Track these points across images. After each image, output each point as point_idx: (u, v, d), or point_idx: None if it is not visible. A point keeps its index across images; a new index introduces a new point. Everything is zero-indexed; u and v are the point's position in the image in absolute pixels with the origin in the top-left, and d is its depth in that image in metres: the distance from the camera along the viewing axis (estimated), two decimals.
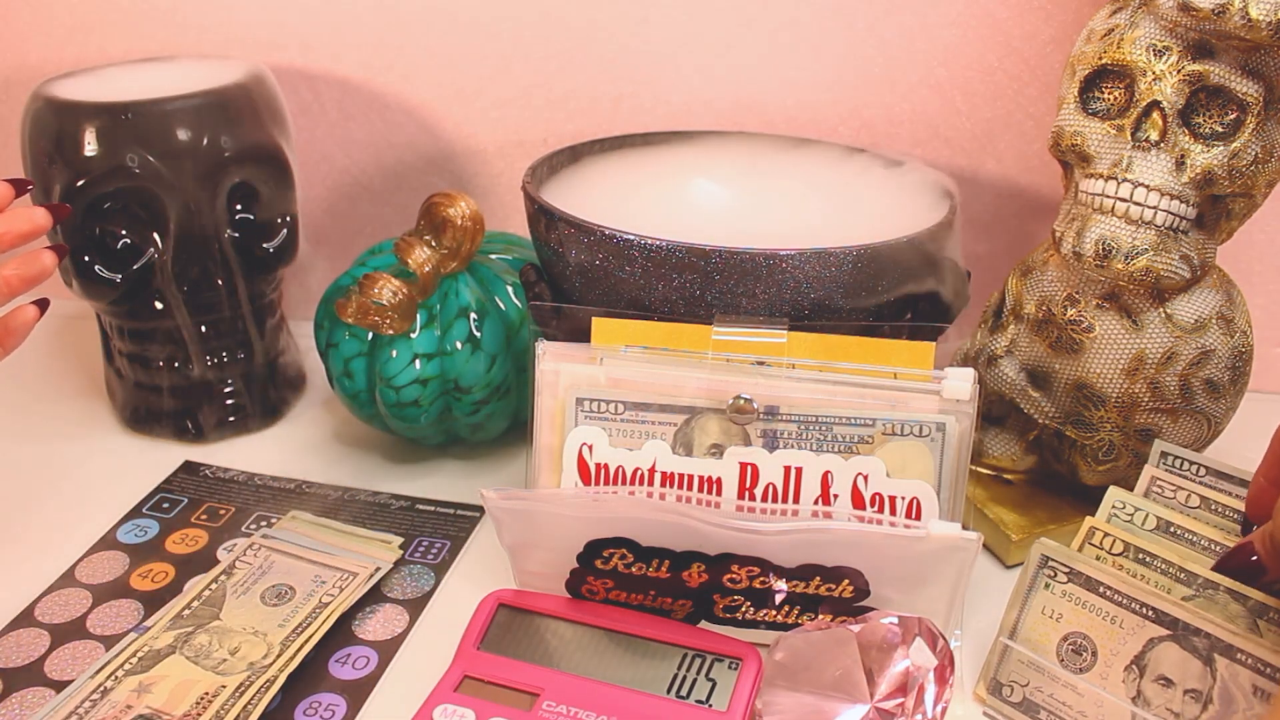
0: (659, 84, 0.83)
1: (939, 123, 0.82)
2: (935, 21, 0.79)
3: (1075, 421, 0.65)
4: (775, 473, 0.57)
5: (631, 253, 0.59)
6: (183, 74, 0.76)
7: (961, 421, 0.56)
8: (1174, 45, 0.57)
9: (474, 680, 0.55)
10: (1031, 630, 0.55)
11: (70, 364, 0.89)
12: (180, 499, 0.72)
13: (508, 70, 0.85)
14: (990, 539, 0.67)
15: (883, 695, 0.51)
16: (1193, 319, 0.61)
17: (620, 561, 0.57)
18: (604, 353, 0.59)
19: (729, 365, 0.58)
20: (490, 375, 0.70)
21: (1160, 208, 0.58)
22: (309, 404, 0.83)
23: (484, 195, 0.89)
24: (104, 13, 0.87)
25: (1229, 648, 0.49)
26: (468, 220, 0.69)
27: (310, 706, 0.55)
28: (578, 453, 0.59)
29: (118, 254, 0.73)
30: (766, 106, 0.83)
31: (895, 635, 0.52)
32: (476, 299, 0.70)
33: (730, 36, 0.81)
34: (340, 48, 0.86)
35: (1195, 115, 0.58)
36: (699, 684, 0.54)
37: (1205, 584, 0.53)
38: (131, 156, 0.70)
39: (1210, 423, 0.64)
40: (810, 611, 0.57)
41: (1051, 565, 0.54)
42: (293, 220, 0.78)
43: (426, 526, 0.69)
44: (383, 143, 0.88)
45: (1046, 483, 0.70)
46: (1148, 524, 0.56)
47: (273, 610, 0.60)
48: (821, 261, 0.58)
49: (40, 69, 0.88)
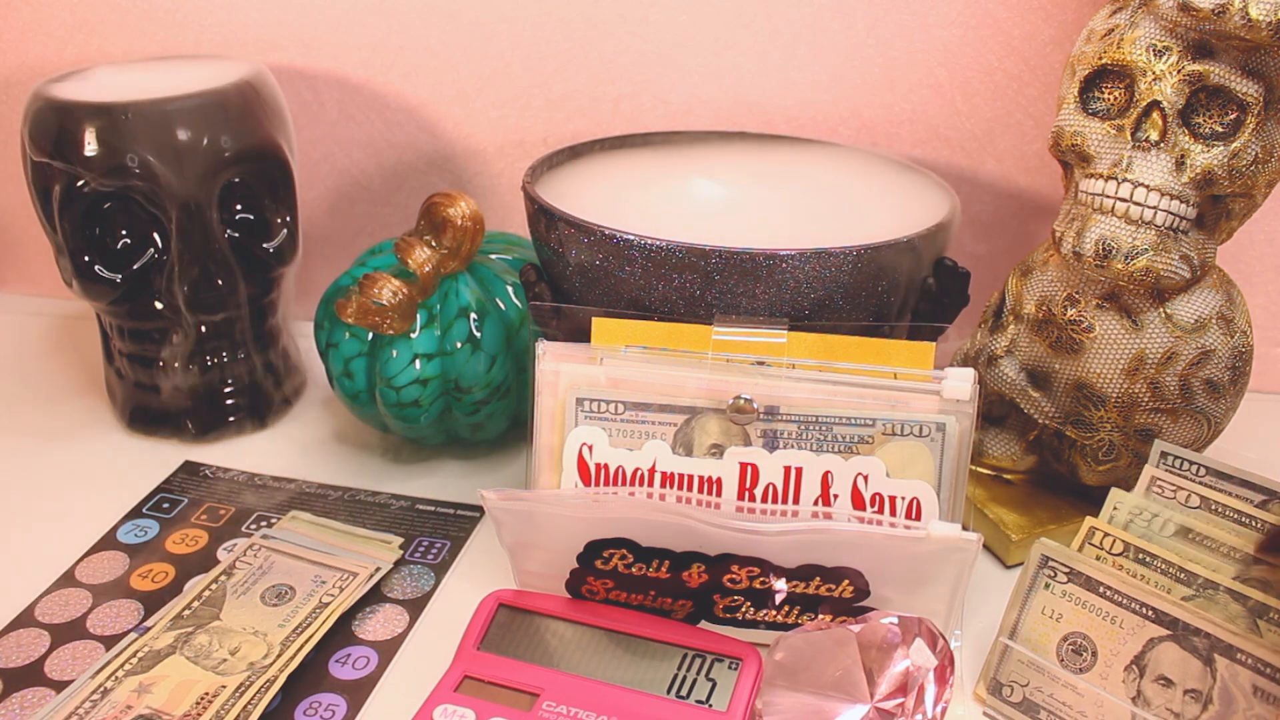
0: (659, 84, 0.83)
1: (939, 123, 0.82)
2: (935, 21, 0.79)
3: (1075, 421, 0.65)
4: (775, 473, 0.57)
5: (631, 253, 0.59)
6: (183, 74, 0.76)
7: (961, 421, 0.56)
8: (1174, 45, 0.57)
9: (474, 680, 0.55)
10: (1031, 630, 0.55)
11: (70, 364, 0.89)
12: (180, 499, 0.72)
13: (508, 70, 0.85)
14: (990, 539, 0.67)
15: (883, 695, 0.51)
16: (1193, 319, 0.61)
17: (620, 562, 0.57)
18: (604, 353, 0.59)
19: (729, 365, 0.58)
20: (490, 375, 0.70)
21: (1160, 208, 0.58)
22: (309, 404, 0.83)
23: (484, 195, 0.89)
24: (104, 13, 0.87)
25: (1229, 647, 0.49)
26: (468, 220, 0.69)
27: (310, 706, 0.55)
28: (578, 453, 0.59)
29: (118, 254, 0.73)
30: (766, 106, 0.83)
31: (895, 635, 0.52)
32: (476, 299, 0.70)
33: (730, 36, 0.81)
34: (340, 48, 0.86)
35: (1195, 115, 0.58)
36: (699, 684, 0.54)
37: (1205, 584, 0.53)
38: (131, 156, 0.70)
39: (1210, 423, 0.64)
40: (810, 611, 0.57)
41: (1051, 565, 0.54)
42: (293, 220, 0.78)
43: (426, 526, 0.69)
44: (383, 143, 0.88)
45: (1046, 483, 0.70)
46: (1165, 530, 0.56)
47: (273, 610, 0.60)
48: (821, 261, 0.58)
49: (40, 69, 0.88)
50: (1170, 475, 0.59)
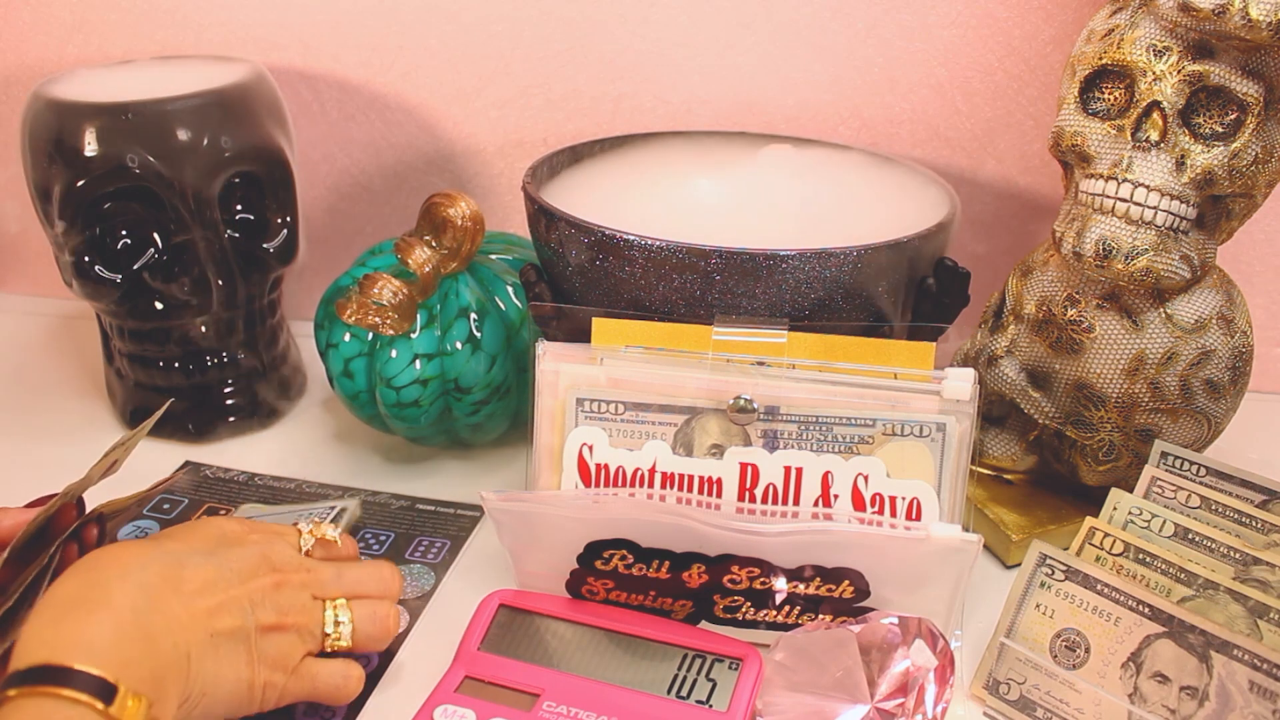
0: (659, 84, 0.83)
1: (939, 123, 0.82)
2: (935, 21, 0.79)
3: (1075, 421, 0.65)
4: (775, 473, 0.57)
5: (631, 253, 0.59)
6: (182, 74, 0.76)
7: (962, 421, 0.56)
8: (1174, 45, 0.57)
9: (474, 681, 0.55)
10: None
11: (70, 364, 0.89)
12: (180, 499, 0.72)
13: (508, 70, 0.85)
14: (990, 539, 0.67)
15: (883, 695, 0.51)
16: (1193, 319, 0.61)
17: (620, 562, 0.57)
18: (604, 353, 0.59)
19: (729, 365, 0.58)
20: (490, 375, 0.70)
21: (1160, 208, 0.58)
22: (309, 404, 0.83)
23: (484, 195, 0.89)
24: (104, 13, 0.87)
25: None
26: (468, 220, 0.69)
27: (310, 706, 0.55)
28: (578, 453, 0.59)
29: (118, 254, 0.73)
30: (766, 106, 0.83)
31: (895, 636, 0.52)
32: (476, 299, 0.70)
33: (730, 36, 0.81)
34: (340, 48, 0.86)
35: (1195, 115, 0.58)
36: (699, 684, 0.54)
37: (1205, 584, 0.53)
38: (131, 156, 0.70)
39: (1210, 423, 0.64)
40: (810, 612, 0.57)
41: (1049, 564, 0.54)
42: (293, 220, 0.78)
43: (426, 526, 0.69)
44: (383, 143, 0.88)
45: (1046, 483, 0.70)
46: (1165, 530, 0.56)
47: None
48: (821, 261, 0.58)
49: (40, 69, 0.88)
50: (1170, 475, 0.59)
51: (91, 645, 0.43)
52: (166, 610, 0.47)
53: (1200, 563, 0.54)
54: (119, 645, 0.44)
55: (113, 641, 0.44)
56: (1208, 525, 0.56)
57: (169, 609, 0.47)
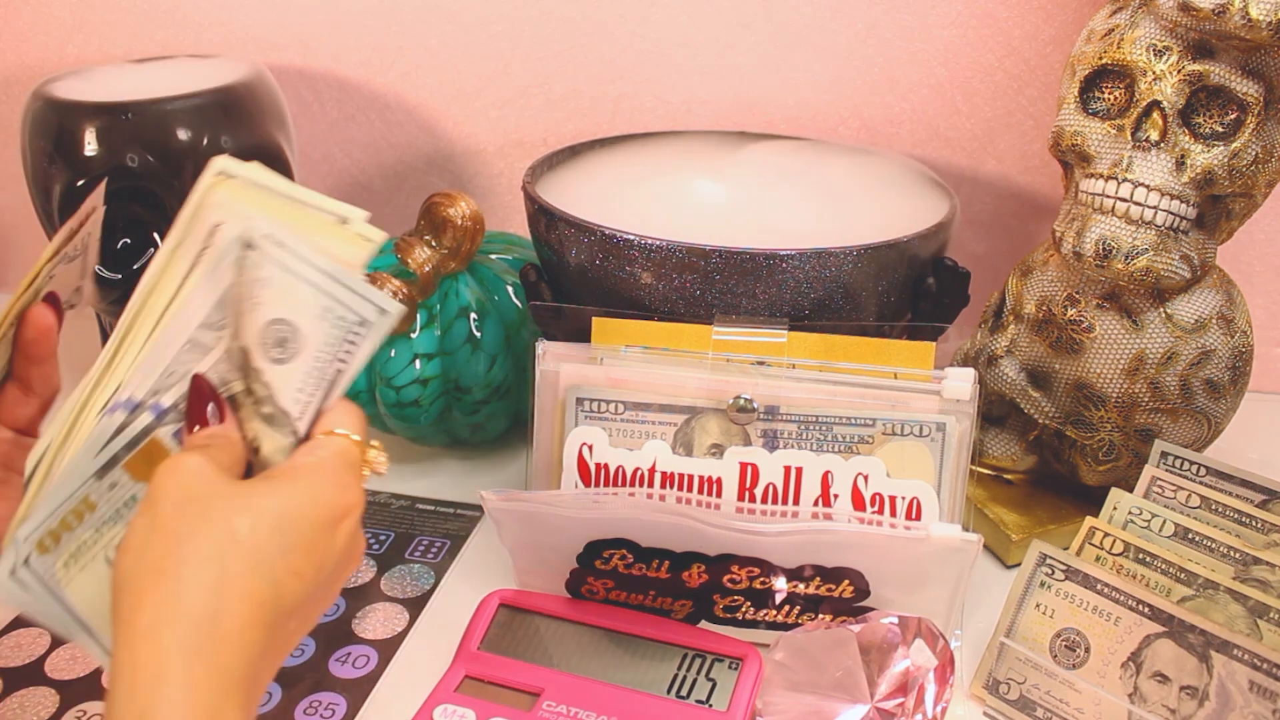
0: (659, 84, 0.83)
1: (939, 123, 0.82)
2: (935, 21, 0.79)
3: (1075, 421, 0.65)
4: (775, 473, 0.57)
5: (631, 252, 0.59)
6: (183, 74, 0.76)
7: (962, 421, 0.56)
8: (1174, 45, 0.57)
9: (474, 680, 0.55)
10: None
11: (70, 364, 0.89)
12: None
13: (508, 70, 0.85)
14: (990, 539, 0.67)
15: (883, 695, 0.51)
16: (1193, 319, 0.61)
17: (620, 562, 0.57)
18: (604, 353, 0.59)
19: (729, 365, 0.58)
20: (490, 375, 0.70)
21: (1160, 208, 0.58)
22: None
23: (484, 195, 0.89)
24: (104, 13, 0.87)
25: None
26: (468, 220, 0.69)
27: (310, 706, 0.55)
28: (578, 453, 0.59)
29: (118, 254, 0.72)
30: (766, 106, 0.83)
31: (895, 635, 0.52)
32: (476, 299, 0.70)
33: (730, 36, 0.81)
34: (340, 48, 0.86)
35: (1195, 115, 0.58)
36: (699, 684, 0.54)
37: (1205, 584, 0.53)
38: (131, 156, 0.70)
39: (1210, 423, 0.64)
40: (810, 611, 0.57)
41: (1049, 564, 0.54)
42: None
43: (426, 526, 0.69)
44: (383, 143, 0.88)
45: (1046, 483, 0.70)
46: (1165, 530, 0.56)
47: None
48: (821, 261, 0.58)
49: (40, 69, 0.88)
50: (1170, 475, 0.59)
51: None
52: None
53: (1200, 562, 0.54)
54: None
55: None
56: (1208, 525, 0.56)
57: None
